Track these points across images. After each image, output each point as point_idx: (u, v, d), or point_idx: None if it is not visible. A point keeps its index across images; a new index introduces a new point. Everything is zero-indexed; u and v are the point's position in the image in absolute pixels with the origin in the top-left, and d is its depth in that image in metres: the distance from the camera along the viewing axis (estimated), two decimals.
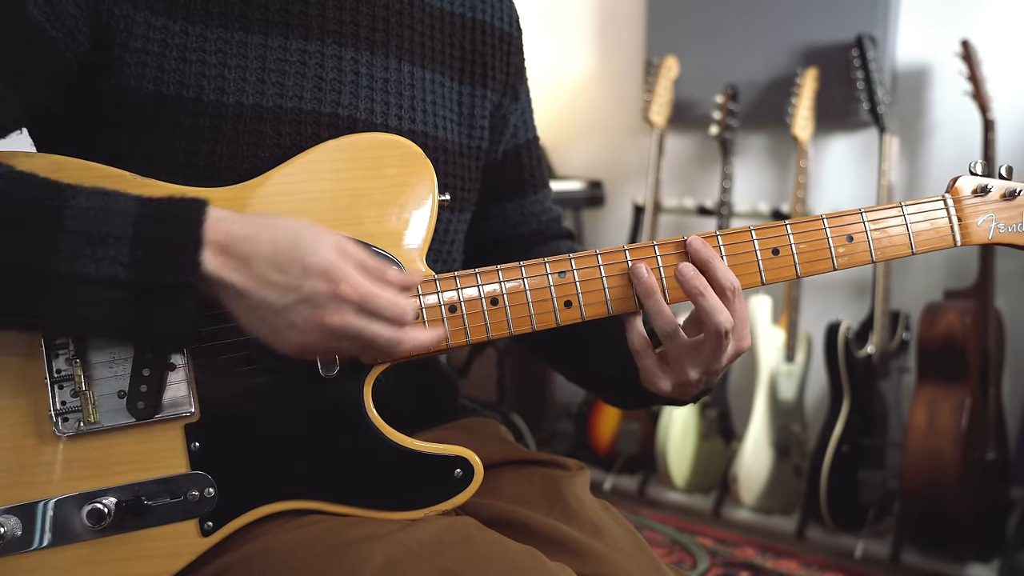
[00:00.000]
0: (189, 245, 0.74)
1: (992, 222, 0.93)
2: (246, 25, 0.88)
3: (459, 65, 1.04)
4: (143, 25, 0.84)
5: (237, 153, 0.86)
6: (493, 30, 1.07)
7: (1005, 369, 2.34)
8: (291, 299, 0.75)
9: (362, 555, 0.78)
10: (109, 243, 0.73)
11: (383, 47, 0.95)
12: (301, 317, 0.75)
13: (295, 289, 0.75)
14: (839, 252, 0.91)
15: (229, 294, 0.76)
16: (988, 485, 2.26)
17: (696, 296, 0.86)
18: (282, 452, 0.83)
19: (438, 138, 1.00)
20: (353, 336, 0.77)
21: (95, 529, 0.79)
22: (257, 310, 0.76)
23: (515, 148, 1.13)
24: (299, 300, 0.75)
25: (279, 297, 0.75)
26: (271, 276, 0.75)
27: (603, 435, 2.87)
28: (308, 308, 0.75)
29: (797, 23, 2.68)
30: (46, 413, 0.80)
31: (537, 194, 1.15)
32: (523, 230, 1.14)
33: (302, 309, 0.75)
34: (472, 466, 0.86)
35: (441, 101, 1.01)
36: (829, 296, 2.74)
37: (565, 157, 3.31)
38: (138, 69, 0.84)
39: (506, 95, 1.09)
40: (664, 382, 0.91)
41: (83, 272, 0.73)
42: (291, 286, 0.75)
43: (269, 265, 0.75)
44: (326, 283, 0.75)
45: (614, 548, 0.88)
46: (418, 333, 0.81)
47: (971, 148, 2.40)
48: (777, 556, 2.41)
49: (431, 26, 1.01)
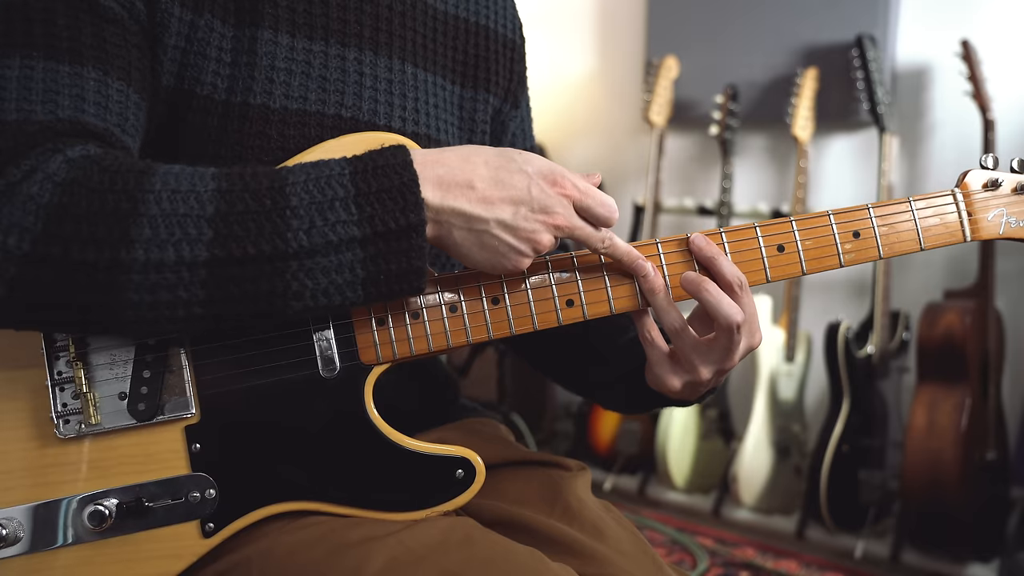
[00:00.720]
0: (409, 185, 0.75)
1: (1003, 216, 0.92)
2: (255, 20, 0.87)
3: (461, 69, 1.04)
4: (177, 21, 0.83)
5: (241, 156, 0.86)
6: (496, 36, 1.07)
7: (1005, 369, 2.34)
8: (523, 209, 0.78)
9: (363, 556, 0.78)
10: (337, 207, 0.74)
11: (386, 48, 0.95)
12: (532, 221, 0.78)
13: (520, 198, 0.78)
14: (846, 248, 0.90)
15: (458, 223, 0.78)
16: (988, 485, 2.26)
17: (699, 293, 0.85)
18: (283, 453, 0.83)
19: (440, 141, 0.99)
20: (574, 233, 0.81)
21: (96, 531, 0.79)
22: (492, 230, 0.78)
23: None
24: (530, 208, 0.78)
25: (511, 210, 0.78)
26: (493, 193, 0.77)
27: (603, 435, 2.87)
28: (539, 212, 0.78)
29: (797, 23, 2.68)
30: (47, 415, 0.80)
31: None
32: None
33: (531, 214, 0.78)
34: (474, 466, 0.86)
35: (443, 104, 1.01)
36: (829, 296, 2.73)
37: (565, 157, 3.30)
38: (169, 66, 0.83)
39: (507, 101, 1.09)
40: (674, 380, 0.89)
41: (324, 241, 0.74)
42: (519, 198, 0.78)
43: (492, 183, 0.78)
44: (549, 184, 0.79)
45: (616, 549, 0.88)
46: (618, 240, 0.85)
47: (971, 148, 2.40)
48: (777, 556, 2.41)
49: (434, 28, 1.00)
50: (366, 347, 0.84)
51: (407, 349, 0.85)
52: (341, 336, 0.83)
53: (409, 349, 0.85)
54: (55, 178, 0.71)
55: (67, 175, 0.71)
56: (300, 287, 0.74)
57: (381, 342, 0.84)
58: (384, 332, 0.84)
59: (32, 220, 0.69)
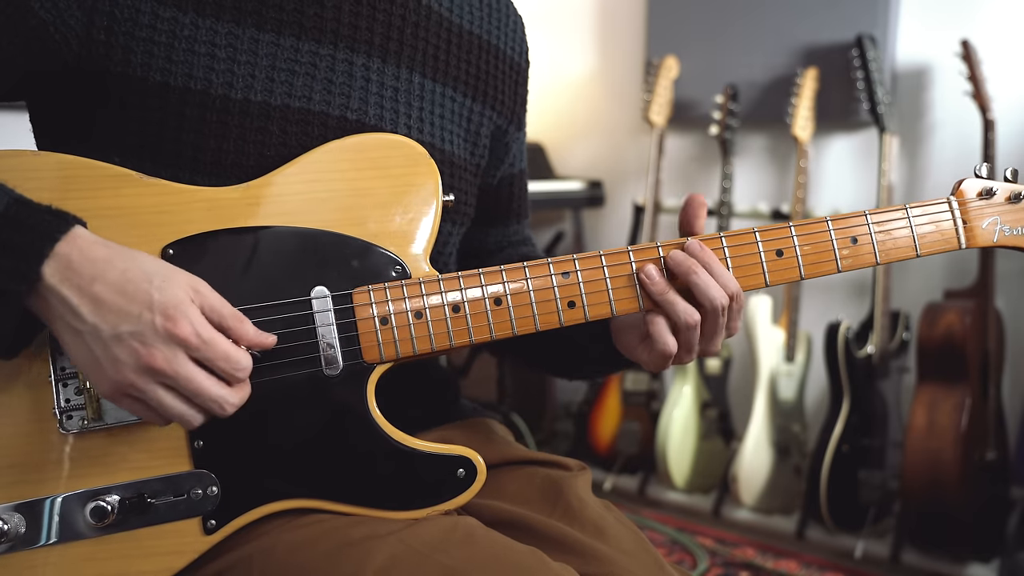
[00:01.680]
0: (31, 254, 0.71)
1: (997, 225, 0.93)
2: (259, 22, 0.88)
3: (471, 82, 1.04)
4: (149, 15, 0.83)
5: (243, 150, 0.86)
6: (505, 57, 1.08)
7: (1005, 369, 2.34)
8: (123, 329, 0.71)
9: (365, 554, 0.78)
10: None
11: (395, 56, 0.96)
12: (128, 351, 0.72)
13: (130, 319, 0.71)
14: (843, 254, 0.91)
15: (62, 311, 0.72)
16: (988, 485, 2.26)
17: (688, 275, 0.86)
18: (285, 451, 0.83)
19: (444, 151, 1.00)
20: (179, 383, 0.73)
21: (98, 527, 0.79)
22: (85, 335, 0.72)
23: (510, 176, 1.14)
24: (131, 332, 0.71)
25: (112, 324, 0.71)
26: (111, 299, 0.72)
27: (603, 435, 2.87)
28: (137, 342, 0.71)
29: (797, 23, 2.68)
30: (50, 410, 0.80)
31: (520, 223, 1.18)
32: (495, 247, 1.16)
33: (132, 342, 0.71)
34: (475, 466, 0.86)
35: (449, 115, 1.01)
36: (829, 296, 2.74)
37: (565, 157, 3.31)
38: (144, 58, 0.83)
39: (512, 122, 1.11)
40: (644, 356, 0.92)
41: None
42: (127, 314, 0.71)
43: (112, 289, 0.72)
44: (163, 319, 0.72)
45: (617, 549, 0.88)
46: (244, 393, 0.77)
47: (971, 148, 2.40)
48: (777, 556, 2.41)
49: (447, 40, 1.01)
50: (369, 346, 0.84)
51: (410, 348, 0.85)
52: (344, 335, 0.84)
53: (412, 348, 0.85)
54: None
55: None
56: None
57: (384, 341, 0.84)
58: (387, 331, 0.84)
59: None
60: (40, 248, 0.72)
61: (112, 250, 0.74)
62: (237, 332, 0.77)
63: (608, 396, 2.86)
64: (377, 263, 0.86)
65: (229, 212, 0.84)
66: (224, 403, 0.75)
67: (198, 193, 0.84)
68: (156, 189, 0.83)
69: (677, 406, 2.67)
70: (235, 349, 0.75)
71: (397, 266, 0.86)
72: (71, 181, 0.81)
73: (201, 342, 0.73)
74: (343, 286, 0.84)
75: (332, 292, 0.84)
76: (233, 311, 0.77)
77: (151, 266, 0.74)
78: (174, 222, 0.83)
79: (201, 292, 0.76)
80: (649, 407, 2.81)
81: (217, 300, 0.76)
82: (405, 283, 0.85)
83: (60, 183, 0.81)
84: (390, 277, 0.86)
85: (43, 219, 0.73)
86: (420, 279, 0.86)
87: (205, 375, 0.74)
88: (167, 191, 0.83)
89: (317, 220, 0.85)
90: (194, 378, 0.73)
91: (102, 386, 0.74)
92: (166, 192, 0.83)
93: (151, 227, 0.82)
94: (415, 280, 0.86)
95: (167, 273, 0.74)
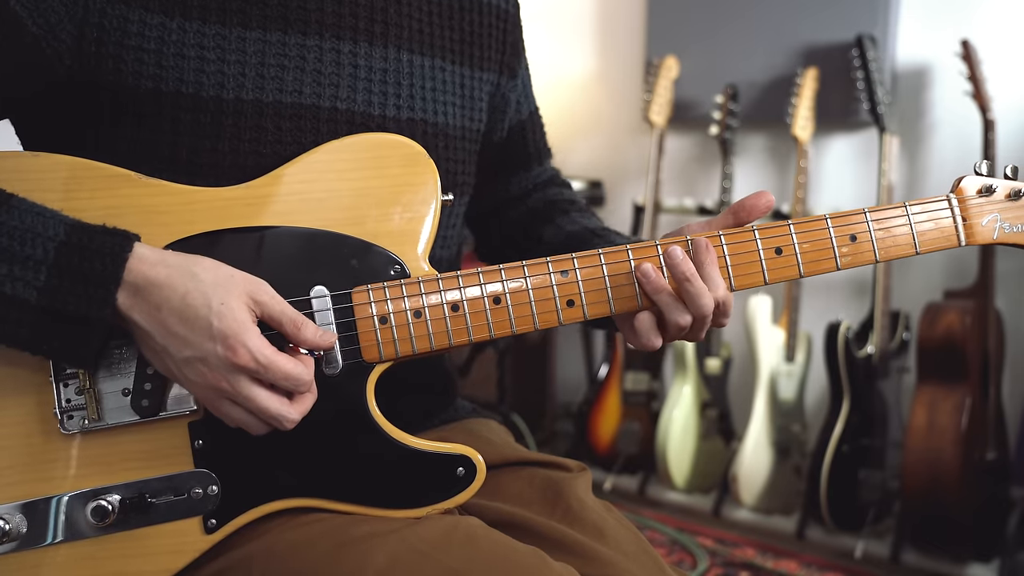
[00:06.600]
0: (106, 281, 0.75)
1: (997, 222, 0.93)
2: (244, 21, 0.88)
3: (458, 48, 1.04)
4: (138, 23, 0.84)
5: (239, 150, 0.87)
6: (490, 8, 1.07)
7: (1005, 369, 2.34)
8: (189, 354, 0.76)
9: (366, 553, 0.78)
10: (29, 265, 0.74)
11: (382, 38, 0.96)
12: (196, 372, 0.77)
13: (194, 346, 0.76)
14: (843, 252, 0.91)
15: (138, 332, 0.78)
16: (988, 485, 2.26)
17: (682, 281, 0.87)
18: (285, 450, 0.83)
19: (438, 124, 1.00)
20: (241, 403, 0.77)
21: (99, 526, 0.80)
22: (161, 353, 0.78)
23: (519, 124, 1.14)
24: (196, 357, 0.76)
25: (180, 349, 0.76)
26: (175, 328, 0.76)
27: (603, 435, 2.87)
28: (203, 366, 0.76)
29: (797, 23, 2.68)
30: (51, 410, 0.80)
31: (542, 165, 1.19)
32: (521, 193, 1.17)
33: (198, 366, 0.76)
34: (475, 465, 0.86)
35: (441, 87, 1.01)
36: (829, 296, 2.74)
37: (565, 157, 3.31)
38: (135, 67, 0.84)
39: (503, 74, 1.10)
40: (628, 335, 0.93)
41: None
42: (191, 342, 0.76)
43: (176, 317, 0.76)
44: (224, 348, 0.75)
45: (617, 550, 0.88)
46: (306, 404, 0.80)
47: (971, 148, 2.40)
48: (777, 556, 2.41)
49: (429, 12, 1.01)
50: (368, 345, 0.84)
51: (409, 347, 0.85)
52: (344, 334, 0.84)
53: (411, 348, 0.85)
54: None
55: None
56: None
57: (384, 340, 0.84)
58: (386, 331, 0.85)
59: None
60: (114, 271, 0.76)
61: (171, 268, 0.77)
62: (297, 339, 0.79)
63: (608, 396, 2.86)
64: (376, 262, 0.86)
65: (228, 212, 0.84)
66: (284, 420, 0.78)
67: (197, 193, 0.84)
68: (155, 189, 0.83)
69: (677, 406, 2.68)
70: (294, 366, 0.77)
71: (396, 265, 0.86)
72: (71, 182, 0.81)
73: (260, 367, 0.76)
74: (342, 286, 0.84)
75: (331, 292, 0.84)
76: (292, 317, 0.79)
77: (209, 283, 0.77)
78: (174, 222, 0.83)
79: (260, 302, 0.78)
80: (649, 407, 2.81)
81: (276, 308, 0.79)
82: (404, 282, 0.86)
83: (60, 184, 0.81)
84: (389, 276, 0.86)
85: (104, 241, 0.76)
86: (419, 278, 0.86)
87: (267, 395, 0.77)
88: (166, 191, 0.84)
89: (316, 220, 0.86)
90: (254, 399, 0.77)
91: (191, 392, 0.81)
92: (165, 192, 0.83)
93: (151, 227, 0.82)
94: (414, 279, 0.86)
95: (226, 289, 0.77)
